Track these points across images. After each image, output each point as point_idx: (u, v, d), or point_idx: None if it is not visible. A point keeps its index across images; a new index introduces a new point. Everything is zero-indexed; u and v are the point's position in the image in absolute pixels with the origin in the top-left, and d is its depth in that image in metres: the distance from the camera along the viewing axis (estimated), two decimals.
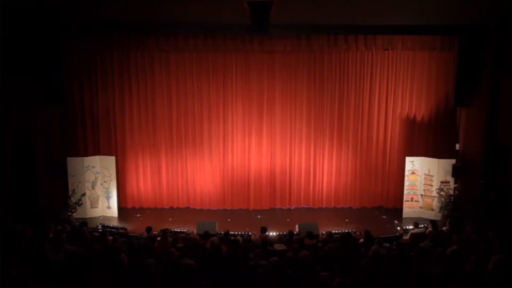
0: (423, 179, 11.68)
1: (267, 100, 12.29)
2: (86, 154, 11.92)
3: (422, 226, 10.06)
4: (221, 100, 12.22)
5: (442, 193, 11.28)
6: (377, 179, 12.54)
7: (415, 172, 11.73)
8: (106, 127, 12.16)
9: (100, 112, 12.06)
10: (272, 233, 9.86)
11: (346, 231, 10.18)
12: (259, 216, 11.87)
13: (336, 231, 10.08)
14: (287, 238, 8.91)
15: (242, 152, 12.47)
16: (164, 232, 9.08)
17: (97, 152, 12.03)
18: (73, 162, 11.45)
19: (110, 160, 11.74)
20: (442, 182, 11.45)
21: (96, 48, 11.56)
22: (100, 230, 10.11)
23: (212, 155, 12.42)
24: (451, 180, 11.40)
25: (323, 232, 10.04)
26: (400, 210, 11.93)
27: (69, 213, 10.87)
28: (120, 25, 10.72)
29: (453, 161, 11.41)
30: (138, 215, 11.97)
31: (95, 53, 11.76)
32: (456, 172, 11.28)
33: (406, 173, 11.76)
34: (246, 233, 9.89)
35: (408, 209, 11.80)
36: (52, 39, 10.63)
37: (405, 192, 11.80)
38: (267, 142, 12.44)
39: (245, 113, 12.30)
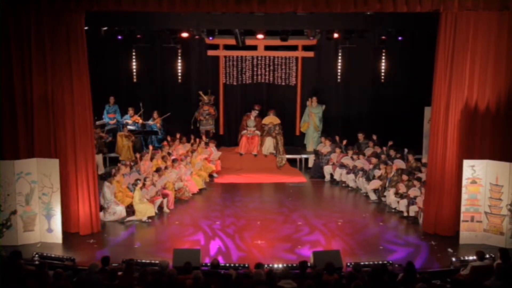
0: (489, 190, 11.72)
1: None
2: (18, 156, 11.91)
3: (487, 256, 10.12)
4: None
5: None
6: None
7: (477, 181, 11.77)
8: (44, 118, 12.13)
9: (36, 97, 12.03)
10: (277, 265, 9.95)
11: (380, 262, 10.24)
12: (259, 242, 11.89)
13: (366, 263, 10.17)
14: (298, 272, 8.96)
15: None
16: (128, 264, 9.10)
17: (32, 153, 12.02)
18: None
19: (52, 165, 11.74)
20: None
21: (29, 8, 11.53)
22: (36, 263, 10.10)
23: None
24: None
25: (348, 263, 10.16)
26: (455, 233, 12.03)
27: None
28: None
29: None
30: (92, 241, 11.96)
31: (27, 16, 11.71)
32: None
33: (464, 182, 11.80)
34: (242, 264, 9.99)
35: (467, 232, 11.86)
36: None
37: (463, 209, 11.84)
38: None
39: None
